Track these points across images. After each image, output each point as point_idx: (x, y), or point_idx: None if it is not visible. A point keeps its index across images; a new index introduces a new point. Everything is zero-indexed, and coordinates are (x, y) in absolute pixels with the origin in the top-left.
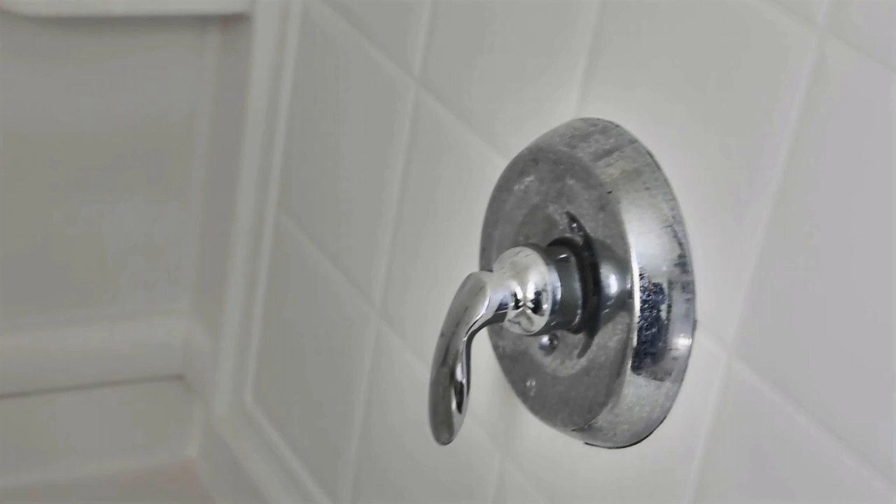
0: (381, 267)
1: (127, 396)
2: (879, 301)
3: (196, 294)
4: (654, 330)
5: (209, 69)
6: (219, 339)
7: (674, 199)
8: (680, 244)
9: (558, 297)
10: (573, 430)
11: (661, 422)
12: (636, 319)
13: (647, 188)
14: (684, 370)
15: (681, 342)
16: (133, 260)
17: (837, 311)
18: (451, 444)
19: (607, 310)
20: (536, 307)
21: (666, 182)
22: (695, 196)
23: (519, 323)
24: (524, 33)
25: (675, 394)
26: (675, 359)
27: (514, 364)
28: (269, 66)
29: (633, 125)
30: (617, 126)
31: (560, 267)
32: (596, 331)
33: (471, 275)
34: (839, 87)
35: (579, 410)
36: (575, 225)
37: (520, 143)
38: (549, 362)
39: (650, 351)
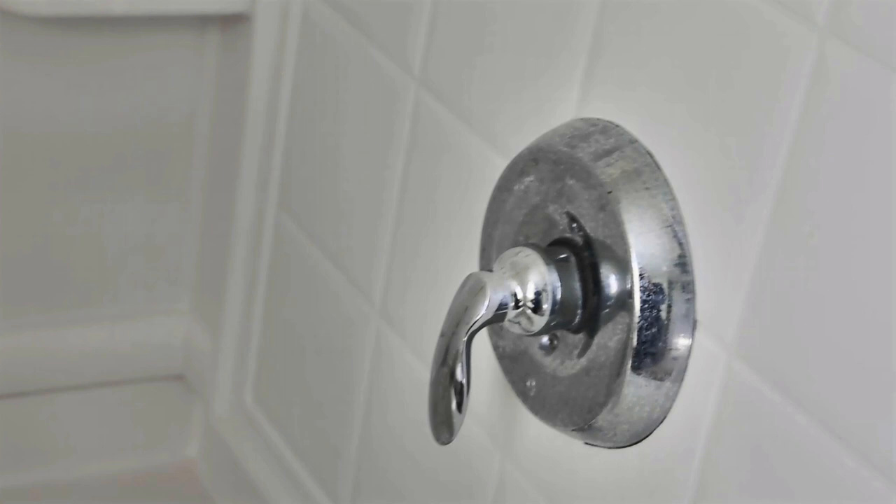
0: (381, 267)
1: (127, 396)
2: (879, 301)
3: (196, 294)
4: (654, 330)
5: (209, 69)
6: (219, 339)
7: (674, 199)
8: (680, 244)
9: (558, 297)
10: (573, 430)
11: (661, 422)
12: (636, 319)
13: (647, 188)
14: (684, 370)
15: (681, 342)
16: (133, 260)
17: (837, 311)
18: (451, 444)
19: (607, 310)
20: (536, 307)
21: (666, 182)
22: (695, 196)
23: (519, 323)
24: (524, 33)
25: (675, 394)
26: (675, 359)
27: (514, 364)
28: (269, 66)
29: (633, 125)
30: (617, 126)
31: (560, 267)
32: (596, 331)
33: (471, 275)
34: (839, 87)
35: (579, 410)
36: (575, 225)
37: (520, 143)
38: (549, 362)
39: (650, 351)
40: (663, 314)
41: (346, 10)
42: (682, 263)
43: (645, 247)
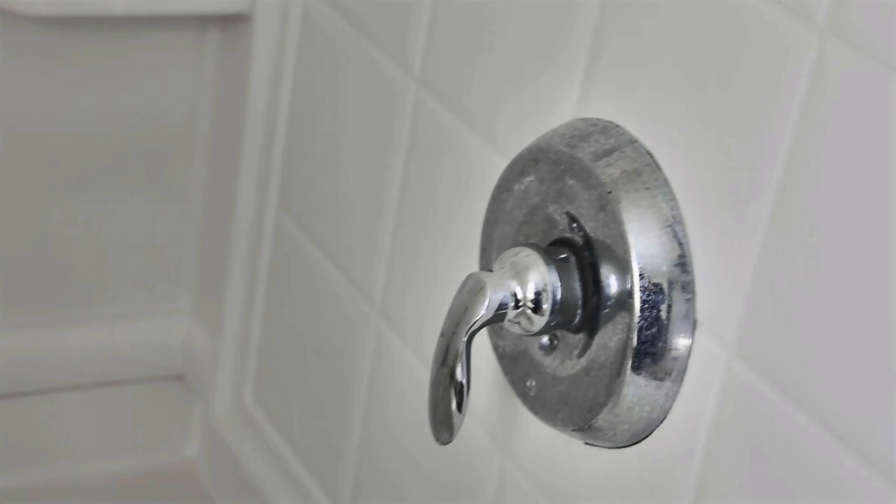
0: (381, 267)
1: (127, 396)
2: (879, 301)
3: (196, 294)
4: (654, 330)
5: (209, 69)
6: (219, 339)
7: (674, 199)
8: (680, 244)
9: (558, 297)
10: (573, 430)
11: (661, 422)
12: (636, 319)
13: (647, 188)
14: (684, 370)
15: (681, 342)
16: (133, 260)
17: (837, 311)
18: (451, 444)
19: (607, 310)
20: (536, 307)
21: (666, 182)
22: (695, 196)
23: (519, 323)
24: (524, 33)
25: (675, 394)
26: (675, 359)
27: (514, 364)
28: (269, 66)
29: (633, 125)
30: (617, 126)
31: (560, 267)
32: (596, 331)
33: (471, 275)
34: (839, 87)
35: (579, 410)
36: (575, 225)
37: (520, 143)
38: (549, 362)
39: (650, 351)
40: (663, 314)
41: (346, 10)
42: (682, 263)
43: (645, 247)
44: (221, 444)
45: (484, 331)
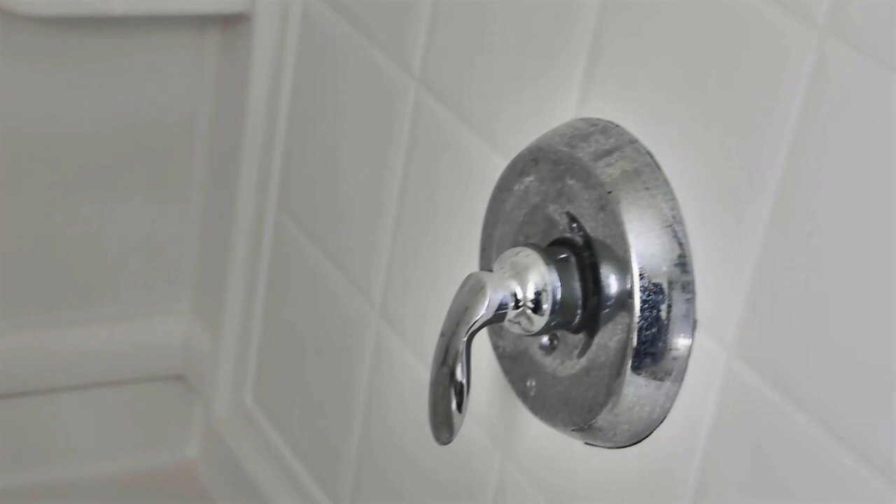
0: (381, 267)
1: (127, 396)
2: (879, 301)
3: (196, 294)
4: (654, 330)
5: (209, 69)
6: (219, 339)
7: (674, 199)
8: (680, 244)
9: (558, 297)
10: (573, 430)
11: (661, 422)
12: (636, 319)
13: (647, 188)
14: (684, 370)
15: (681, 342)
16: (133, 260)
17: (837, 311)
18: (451, 444)
19: (607, 310)
20: (536, 307)
21: (666, 182)
22: (695, 196)
23: (519, 323)
24: (524, 33)
25: (675, 394)
26: (675, 359)
27: (514, 364)
28: (269, 66)
29: (633, 125)
30: (617, 126)
31: (560, 267)
32: (596, 331)
33: (471, 275)
34: (839, 87)
35: (579, 410)
36: (575, 225)
37: (520, 143)
38: (549, 362)
39: (650, 351)
40: (663, 314)
41: (346, 10)
42: (682, 263)
43: (645, 247)
44: (221, 444)
45: (484, 331)
